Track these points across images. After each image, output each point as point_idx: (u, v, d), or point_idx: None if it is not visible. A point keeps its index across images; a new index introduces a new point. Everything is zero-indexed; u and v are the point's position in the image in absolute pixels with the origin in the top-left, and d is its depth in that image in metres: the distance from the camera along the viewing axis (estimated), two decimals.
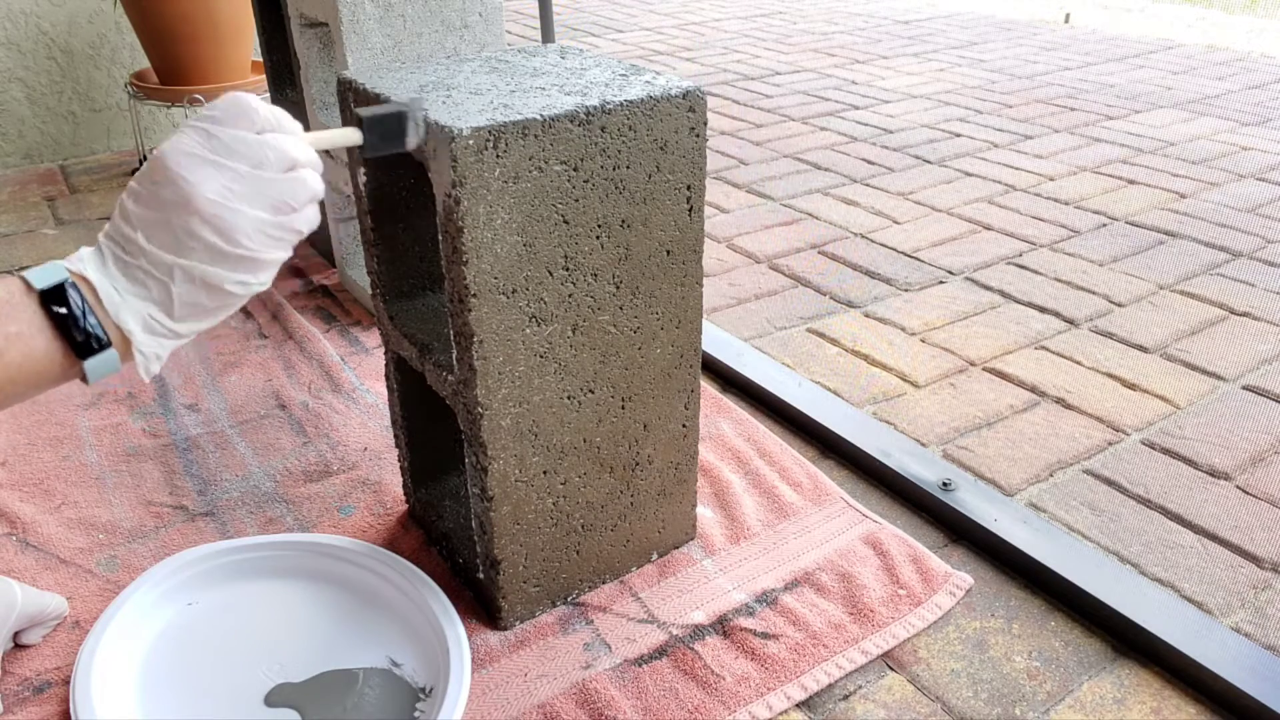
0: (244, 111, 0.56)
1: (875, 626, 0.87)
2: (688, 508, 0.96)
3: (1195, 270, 1.62)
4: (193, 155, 0.54)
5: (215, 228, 0.54)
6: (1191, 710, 0.81)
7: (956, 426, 1.20)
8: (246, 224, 0.55)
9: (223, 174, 0.55)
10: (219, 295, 0.57)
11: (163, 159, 0.55)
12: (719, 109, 2.59)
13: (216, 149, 0.55)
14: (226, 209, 0.54)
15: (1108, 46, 3.38)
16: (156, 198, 0.55)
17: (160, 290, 0.56)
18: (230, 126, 0.56)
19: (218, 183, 0.54)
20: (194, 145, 0.55)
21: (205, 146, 0.55)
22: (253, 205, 0.56)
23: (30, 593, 0.84)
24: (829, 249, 1.72)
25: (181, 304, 0.56)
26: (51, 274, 0.55)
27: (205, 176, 0.54)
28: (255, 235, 0.56)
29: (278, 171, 0.57)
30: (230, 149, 0.55)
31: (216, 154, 0.55)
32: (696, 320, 0.87)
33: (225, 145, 0.55)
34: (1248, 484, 1.09)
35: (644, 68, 0.83)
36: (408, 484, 1.00)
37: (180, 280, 0.55)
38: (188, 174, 0.54)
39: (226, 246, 0.55)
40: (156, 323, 0.56)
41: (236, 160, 0.55)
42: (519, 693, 0.81)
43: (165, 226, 0.55)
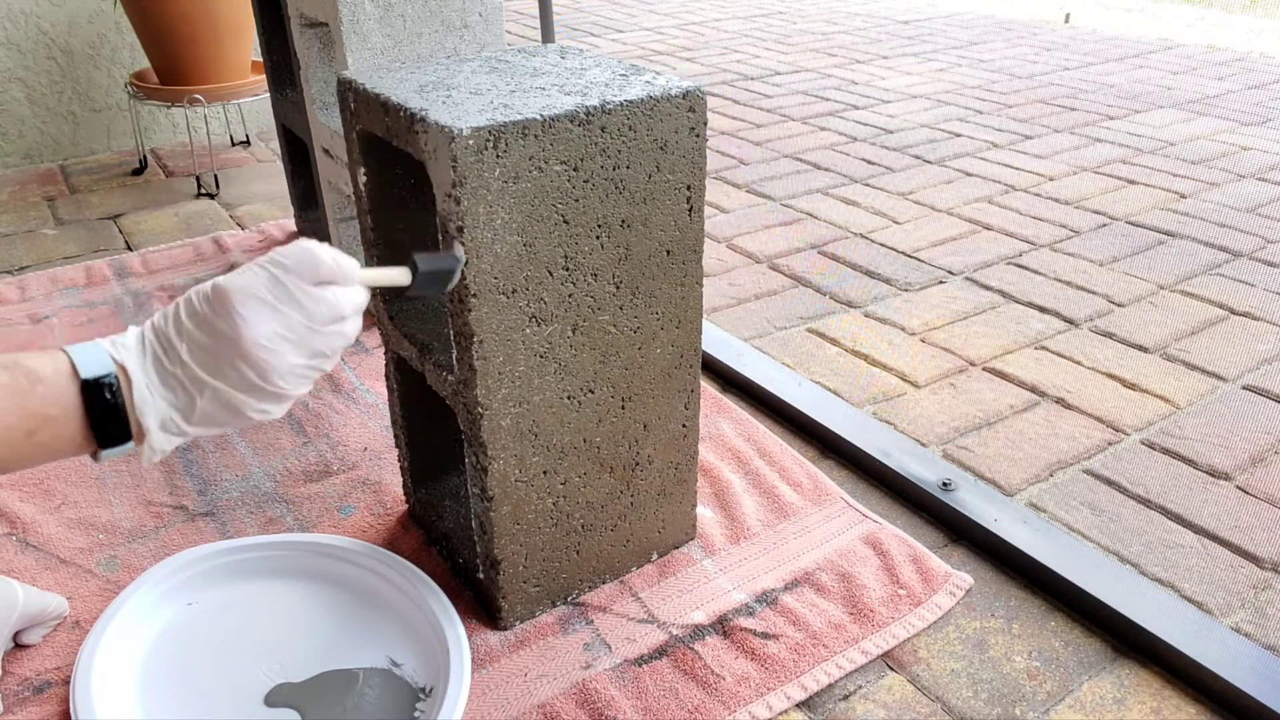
0: (312, 263, 0.59)
1: (875, 626, 0.87)
2: (688, 508, 0.96)
3: (1195, 270, 1.62)
4: (257, 298, 0.58)
5: (256, 367, 0.58)
6: (1191, 710, 0.81)
7: (956, 426, 1.20)
8: (284, 367, 0.59)
9: (278, 321, 0.58)
10: (238, 417, 0.60)
11: (227, 292, 0.57)
12: (719, 109, 2.59)
13: (279, 296, 0.58)
14: (272, 354, 0.58)
15: (1108, 46, 3.38)
16: (211, 326, 0.58)
17: (186, 400, 0.59)
18: (296, 276, 0.59)
19: (270, 328, 0.58)
20: (260, 288, 0.58)
21: (270, 291, 0.58)
22: (295, 352, 0.59)
23: (32, 593, 0.85)
24: (829, 249, 1.72)
25: (201, 415, 0.59)
26: (97, 362, 0.57)
27: (261, 320, 0.58)
28: (289, 377, 0.60)
29: (326, 324, 0.60)
30: (291, 298, 0.59)
31: (279, 301, 0.58)
32: (696, 320, 0.87)
33: (288, 293, 0.58)
34: (1248, 484, 1.09)
35: (644, 68, 0.83)
36: (408, 484, 1.00)
37: (208, 398, 0.59)
38: (247, 314, 0.57)
39: (260, 383, 0.59)
40: (174, 424, 0.59)
41: (294, 310, 0.59)
42: (519, 693, 0.81)
43: (210, 352, 0.58)
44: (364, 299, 0.63)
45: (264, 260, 0.59)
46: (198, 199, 1.97)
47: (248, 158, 2.24)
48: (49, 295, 1.53)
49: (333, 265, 0.60)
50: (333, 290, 0.60)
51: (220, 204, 1.95)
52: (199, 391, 0.58)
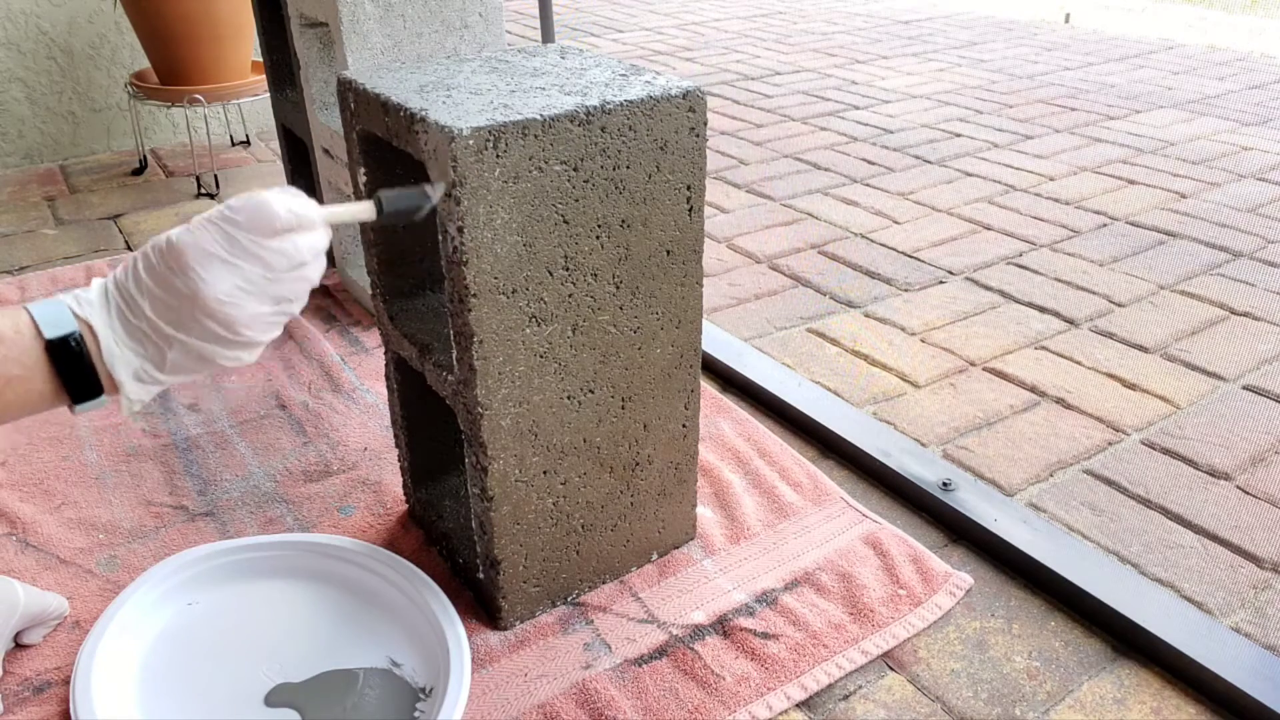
0: (265, 216, 0.59)
1: (875, 626, 0.87)
2: (688, 508, 0.96)
3: (1195, 270, 1.62)
4: (210, 254, 0.57)
5: (219, 320, 0.58)
6: (1191, 710, 0.81)
7: (956, 426, 1.20)
8: (248, 318, 0.59)
9: (235, 275, 0.58)
10: (211, 364, 0.60)
11: (181, 250, 0.57)
12: (719, 109, 2.59)
13: (234, 251, 0.58)
14: (234, 307, 0.58)
15: (1108, 46, 3.38)
16: (168, 283, 0.57)
17: (156, 352, 0.59)
18: (250, 231, 0.58)
19: (229, 283, 0.57)
20: (212, 244, 0.57)
21: (223, 247, 0.58)
22: (258, 303, 0.59)
23: (33, 593, 0.85)
24: (829, 249, 1.72)
25: (173, 365, 0.59)
26: (60, 321, 0.56)
27: (218, 276, 0.57)
28: (255, 325, 0.59)
29: (286, 272, 0.60)
30: (246, 252, 0.58)
31: (233, 255, 0.58)
32: (696, 320, 0.87)
33: (242, 248, 0.58)
34: (1248, 484, 1.09)
35: (644, 68, 0.83)
36: (408, 484, 1.00)
37: (177, 350, 0.59)
38: (202, 271, 0.57)
39: (226, 334, 0.59)
40: (147, 374, 0.59)
41: (251, 263, 0.58)
42: (519, 693, 0.81)
43: (172, 308, 0.57)
44: (324, 242, 0.62)
45: (216, 215, 0.58)
46: (198, 199, 1.97)
47: (248, 158, 2.24)
48: (49, 295, 1.52)
49: (288, 216, 0.59)
50: (290, 239, 0.60)
51: (220, 204, 1.95)
52: (167, 345, 0.58)
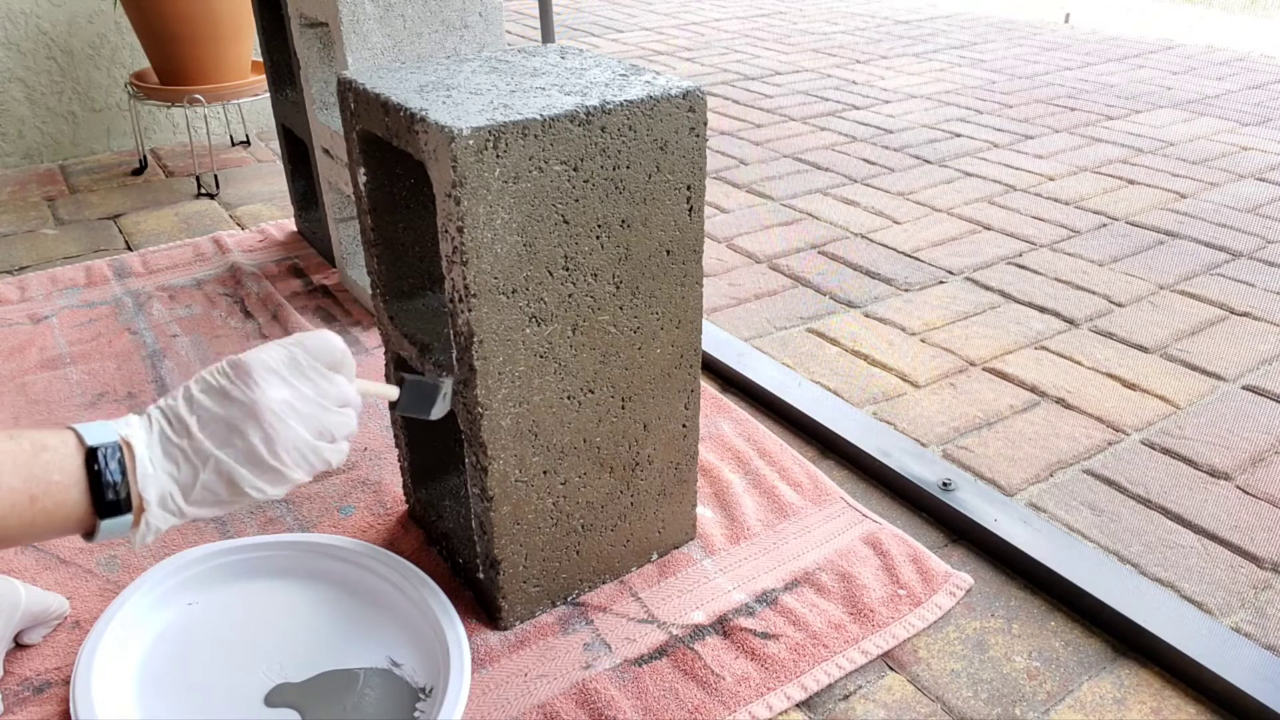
0: (329, 349, 0.65)
1: (875, 626, 0.87)
2: (688, 508, 0.96)
3: (1195, 270, 1.62)
4: (273, 370, 0.62)
5: (264, 433, 0.60)
6: (1191, 710, 0.81)
7: (956, 426, 1.20)
8: (290, 440, 0.61)
9: (290, 392, 0.62)
10: (235, 494, 0.61)
11: (246, 364, 0.61)
12: (719, 109, 2.59)
13: (294, 370, 0.63)
14: (281, 422, 0.61)
15: (1108, 46, 3.38)
16: (226, 394, 0.61)
17: (189, 472, 0.60)
18: (312, 356, 0.64)
19: (283, 395, 0.61)
20: (277, 362, 0.62)
21: (286, 366, 0.62)
22: (303, 426, 0.62)
23: (34, 592, 0.85)
24: (829, 249, 1.72)
25: (201, 490, 0.60)
26: (103, 433, 0.59)
27: (275, 387, 0.61)
28: (292, 451, 0.62)
29: (334, 405, 0.64)
30: (304, 375, 0.63)
31: (292, 375, 0.62)
32: (696, 320, 0.87)
33: (302, 371, 0.63)
34: (1248, 484, 1.09)
35: (644, 68, 0.83)
36: (408, 484, 1.00)
37: (210, 470, 0.60)
38: (263, 381, 0.61)
39: (265, 454, 0.61)
40: (172, 501, 0.60)
41: (305, 385, 0.63)
42: (519, 693, 0.81)
43: (222, 421, 0.60)
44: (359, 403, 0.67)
45: (283, 340, 0.64)
46: (198, 199, 1.97)
47: (248, 158, 2.24)
48: (49, 295, 1.52)
49: (344, 357, 0.65)
50: (340, 378, 0.65)
51: (220, 204, 1.95)
52: (202, 463, 0.60)
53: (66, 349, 1.36)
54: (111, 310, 1.48)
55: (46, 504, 0.56)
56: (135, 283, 1.57)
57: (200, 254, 1.67)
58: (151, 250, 1.68)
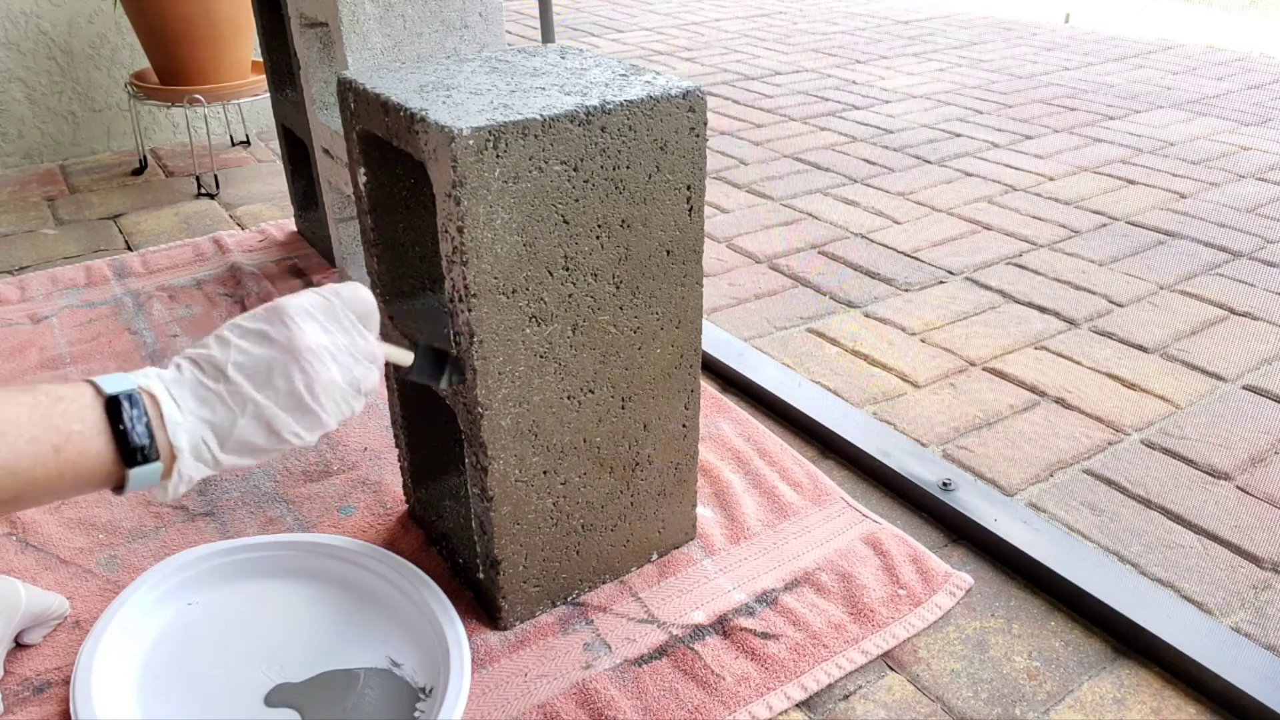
0: (362, 300, 0.65)
1: (875, 626, 0.87)
2: (688, 508, 0.96)
3: (1195, 270, 1.62)
4: (310, 314, 0.62)
5: (306, 375, 0.60)
6: (1191, 710, 0.81)
7: (956, 426, 1.20)
8: (327, 381, 0.61)
9: (326, 337, 0.62)
10: (274, 440, 0.60)
11: (283, 307, 0.61)
12: (719, 109, 2.59)
13: (329, 317, 0.63)
14: (320, 363, 0.61)
15: (1108, 46, 3.38)
16: (265, 336, 0.60)
17: (226, 419, 0.59)
18: (347, 305, 0.64)
19: (320, 340, 0.61)
20: (314, 307, 0.62)
21: (322, 312, 0.63)
22: (339, 371, 0.62)
23: (34, 592, 0.85)
24: (829, 249, 1.72)
25: (239, 437, 0.59)
26: (120, 384, 0.57)
27: (314, 331, 0.61)
28: (330, 394, 0.61)
29: (363, 357, 0.64)
30: (340, 323, 0.63)
31: (328, 320, 0.63)
32: (696, 320, 0.87)
33: (336, 318, 0.63)
34: (1248, 484, 1.09)
35: (644, 68, 0.83)
36: (408, 484, 1.00)
37: (249, 416, 0.59)
38: (301, 322, 0.61)
39: (306, 396, 0.60)
40: (206, 448, 0.59)
41: (340, 333, 0.63)
42: (519, 693, 0.81)
43: (260, 362, 0.60)
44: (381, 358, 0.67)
45: (320, 288, 0.64)
46: (198, 199, 1.97)
47: (248, 158, 2.24)
48: (49, 295, 1.53)
49: (374, 309, 0.66)
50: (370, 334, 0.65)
51: (220, 204, 1.95)
52: (241, 409, 0.59)
53: (66, 349, 1.36)
54: (112, 310, 1.48)
55: (70, 454, 0.54)
56: (135, 283, 1.57)
57: (200, 254, 1.67)
58: (151, 250, 1.68)
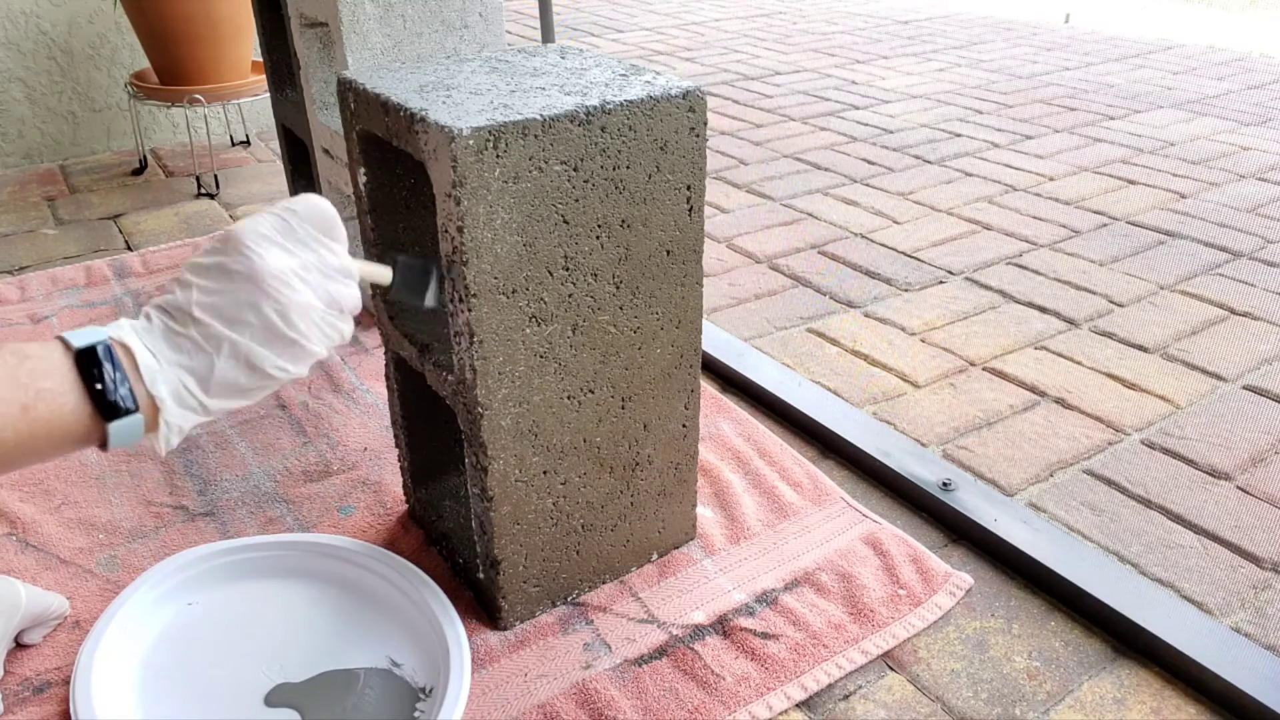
0: (322, 215, 0.60)
1: (875, 626, 0.87)
2: (688, 508, 0.96)
3: (1195, 270, 1.62)
4: (267, 237, 0.57)
5: (276, 304, 0.56)
6: (1191, 710, 0.81)
7: (956, 426, 1.20)
8: (302, 305, 0.57)
9: (290, 259, 0.58)
10: (258, 377, 0.57)
11: (238, 235, 0.57)
12: (719, 109, 2.59)
13: (288, 236, 0.58)
14: (289, 288, 0.57)
15: (1108, 46, 3.38)
16: (224, 270, 0.56)
17: (203, 362, 0.56)
18: (306, 221, 0.59)
19: (284, 263, 0.57)
20: (270, 229, 0.58)
21: (280, 232, 0.58)
22: (311, 294, 0.58)
23: (34, 592, 0.85)
24: (829, 249, 1.72)
25: (221, 379, 0.56)
26: (89, 336, 0.55)
27: (274, 255, 0.57)
28: (308, 320, 0.58)
29: (335, 273, 0.60)
30: (301, 241, 0.59)
31: (288, 241, 0.58)
32: (696, 320, 0.87)
33: (297, 237, 0.59)
34: (1248, 484, 1.09)
35: (644, 68, 0.83)
36: (408, 484, 1.00)
37: (226, 355, 0.56)
38: (259, 248, 0.56)
39: (282, 326, 0.57)
40: (189, 394, 0.56)
41: (305, 251, 0.59)
42: (519, 693, 0.81)
43: (226, 297, 0.56)
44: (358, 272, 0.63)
45: (274, 207, 0.60)
46: (198, 199, 1.97)
47: (248, 158, 2.24)
48: (49, 295, 1.53)
49: (335, 221, 0.61)
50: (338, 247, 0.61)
51: (220, 204, 1.95)
52: (216, 349, 0.56)
53: None
54: (112, 310, 1.48)
55: (41, 413, 0.52)
56: (135, 283, 1.57)
57: None
58: (151, 250, 1.68)
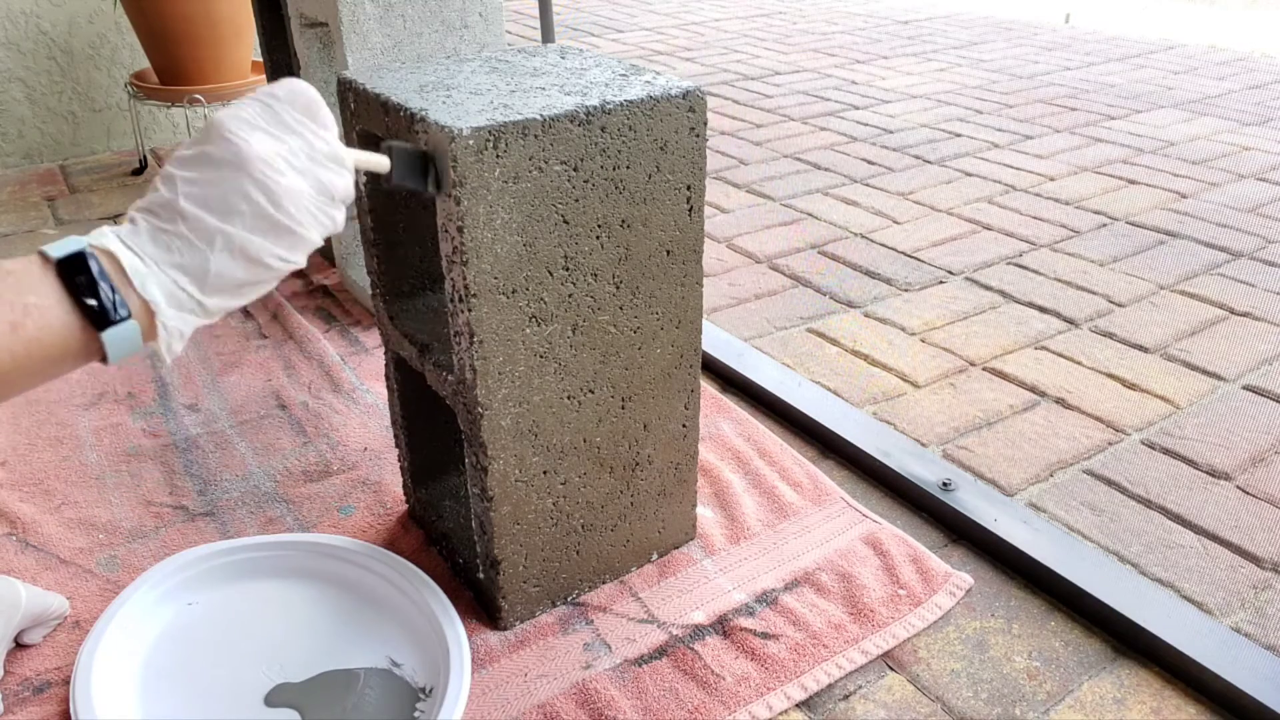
0: (305, 100, 0.57)
1: (875, 626, 0.87)
2: (688, 508, 0.96)
3: (1195, 270, 1.62)
4: (250, 123, 0.55)
5: (265, 189, 0.54)
6: (1191, 710, 0.81)
7: (956, 426, 1.20)
8: (294, 190, 0.55)
9: (276, 144, 0.55)
10: (255, 269, 0.55)
11: (219, 122, 0.54)
12: (719, 109, 2.59)
13: (272, 122, 0.55)
14: (277, 173, 0.54)
15: (1108, 46, 3.38)
16: (208, 158, 0.54)
17: (196, 258, 0.53)
18: (289, 105, 0.56)
19: (270, 147, 0.54)
20: (252, 114, 0.55)
21: (263, 117, 0.55)
22: (300, 179, 0.55)
23: (34, 592, 0.85)
24: (829, 249, 1.72)
25: (216, 275, 0.54)
26: (69, 245, 0.52)
27: (260, 140, 0.54)
28: (300, 204, 0.55)
29: (325, 158, 0.57)
30: (287, 125, 0.56)
31: (272, 126, 0.55)
32: (696, 320, 0.87)
33: (282, 121, 0.56)
34: (1248, 484, 1.09)
35: (644, 68, 0.83)
36: (408, 484, 1.00)
37: (220, 248, 0.53)
38: (245, 135, 0.54)
39: (274, 212, 0.54)
40: (185, 294, 0.53)
41: (290, 136, 0.56)
42: (519, 693, 0.81)
43: (214, 187, 0.53)
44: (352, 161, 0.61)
45: (255, 93, 0.57)
46: None
47: None
48: None
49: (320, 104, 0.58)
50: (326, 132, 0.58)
51: None
52: (209, 244, 0.53)
53: None
54: None
55: (30, 330, 0.50)
56: None
57: None
58: None
